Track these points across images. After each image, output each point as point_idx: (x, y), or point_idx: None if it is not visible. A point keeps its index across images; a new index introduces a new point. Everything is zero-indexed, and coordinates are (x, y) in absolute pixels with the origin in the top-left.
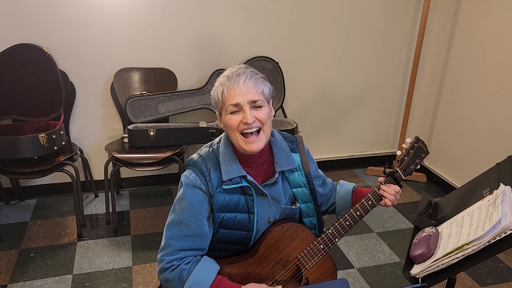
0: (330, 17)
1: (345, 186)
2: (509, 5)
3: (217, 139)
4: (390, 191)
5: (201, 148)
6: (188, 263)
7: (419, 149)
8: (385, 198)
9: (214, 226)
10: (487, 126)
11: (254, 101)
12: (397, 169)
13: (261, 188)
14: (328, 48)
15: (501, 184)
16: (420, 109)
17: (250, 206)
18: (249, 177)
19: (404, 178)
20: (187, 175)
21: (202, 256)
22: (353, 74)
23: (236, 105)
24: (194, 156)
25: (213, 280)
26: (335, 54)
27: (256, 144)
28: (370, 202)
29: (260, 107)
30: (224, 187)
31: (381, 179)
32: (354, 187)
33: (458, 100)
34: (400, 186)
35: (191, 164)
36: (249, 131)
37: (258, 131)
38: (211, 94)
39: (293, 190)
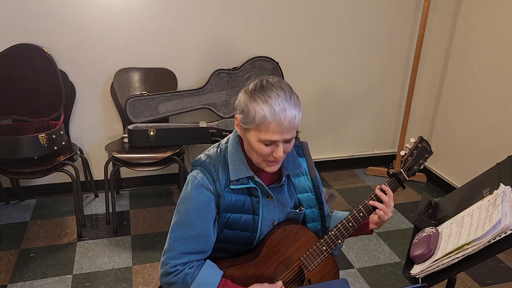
0: (330, 17)
1: (340, 213)
2: (509, 5)
3: (225, 139)
4: (386, 197)
5: (209, 148)
6: (192, 267)
7: (423, 149)
8: (382, 201)
9: (219, 226)
10: (487, 126)
11: (289, 140)
12: (401, 170)
13: (268, 189)
14: (328, 48)
15: (501, 184)
16: (420, 109)
17: (256, 208)
18: (256, 178)
19: (407, 179)
20: (195, 175)
21: (205, 259)
22: (353, 74)
23: (274, 141)
24: (202, 156)
25: (217, 285)
26: (335, 54)
27: (276, 166)
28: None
29: (291, 140)
30: (232, 187)
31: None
32: (349, 213)
33: (458, 100)
34: (404, 187)
35: (199, 164)
36: (275, 164)
37: None
38: (241, 98)
39: (298, 195)
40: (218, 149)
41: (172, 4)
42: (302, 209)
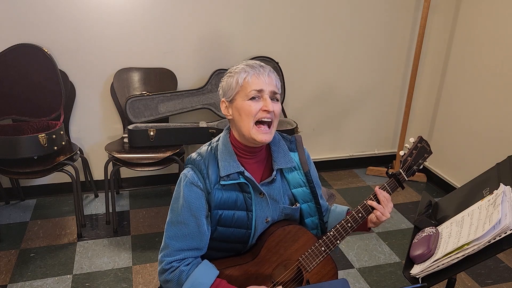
0: (330, 17)
1: (339, 207)
2: (509, 5)
3: (215, 138)
4: (384, 199)
5: (201, 147)
6: (188, 264)
7: (422, 149)
8: (380, 203)
9: (212, 224)
10: (487, 126)
11: (275, 93)
12: (400, 170)
13: (259, 186)
14: (328, 48)
15: (501, 184)
16: (420, 109)
17: (248, 204)
18: (246, 173)
19: (407, 179)
20: (185, 173)
21: (202, 256)
22: (353, 74)
23: (260, 91)
24: (193, 154)
25: (211, 284)
26: (335, 54)
27: (267, 135)
28: (369, 204)
29: (277, 101)
30: (222, 182)
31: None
32: (348, 209)
33: (458, 100)
34: (403, 188)
35: (190, 163)
36: (266, 119)
37: (269, 126)
38: (225, 80)
39: (293, 190)
40: (209, 147)
41: (172, 4)
42: (297, 204)
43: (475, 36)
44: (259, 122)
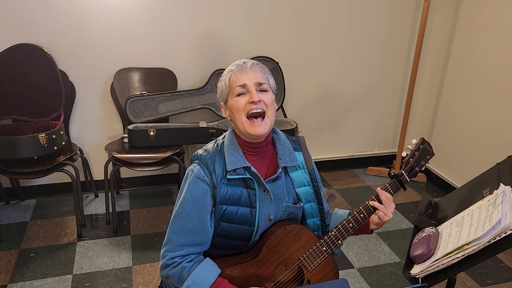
0: (330, 17)
1: (341, 211)
2: (509, 5)
3: (221, 136)
4: (386, 199)
5: (206, 145)
6: (190, 261)
7: (424, 150)
8: (382, 203)
9: (216, 219)
10: (487, 126)
11: (260, 84)
12: (402, 171)
13: (264, 182)
14: (328, 48)
15: (501, 184)
16: (420, 109)
17: (252, 200)
18: (252, 169)
19: (409, 180)
20: (192, 168)
21: (204, 254)
22: (353, 74)
23: (243, 86)
24: (199, 151)
25: (212, 282)
26: (335, 54)
27: (261, 127)
28: (371, 204)
29: (266, 91)
30: (228, 176)
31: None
32: (350, 212)
33: (458, 100)
34: (405, 189)
35: (197, 158)
36: (256, 110)
37: (263, 118)
38: (218, 85)
39: (296, 189)
40: (215, 144)
41: (172, 4)
42: (301, 203)
43: (475, 36)
44: (251, 117)
